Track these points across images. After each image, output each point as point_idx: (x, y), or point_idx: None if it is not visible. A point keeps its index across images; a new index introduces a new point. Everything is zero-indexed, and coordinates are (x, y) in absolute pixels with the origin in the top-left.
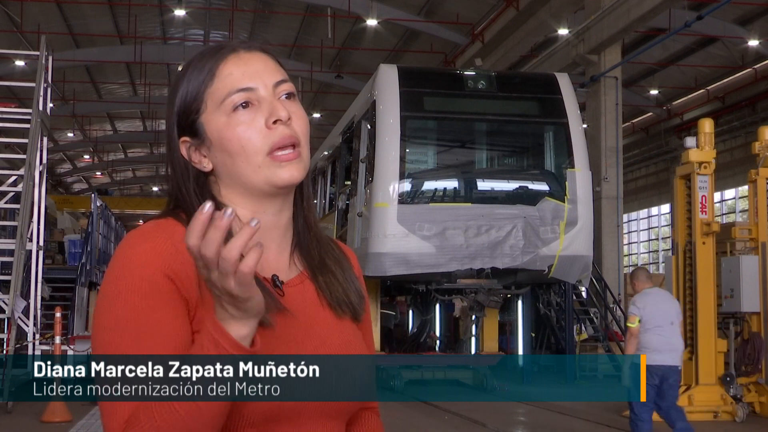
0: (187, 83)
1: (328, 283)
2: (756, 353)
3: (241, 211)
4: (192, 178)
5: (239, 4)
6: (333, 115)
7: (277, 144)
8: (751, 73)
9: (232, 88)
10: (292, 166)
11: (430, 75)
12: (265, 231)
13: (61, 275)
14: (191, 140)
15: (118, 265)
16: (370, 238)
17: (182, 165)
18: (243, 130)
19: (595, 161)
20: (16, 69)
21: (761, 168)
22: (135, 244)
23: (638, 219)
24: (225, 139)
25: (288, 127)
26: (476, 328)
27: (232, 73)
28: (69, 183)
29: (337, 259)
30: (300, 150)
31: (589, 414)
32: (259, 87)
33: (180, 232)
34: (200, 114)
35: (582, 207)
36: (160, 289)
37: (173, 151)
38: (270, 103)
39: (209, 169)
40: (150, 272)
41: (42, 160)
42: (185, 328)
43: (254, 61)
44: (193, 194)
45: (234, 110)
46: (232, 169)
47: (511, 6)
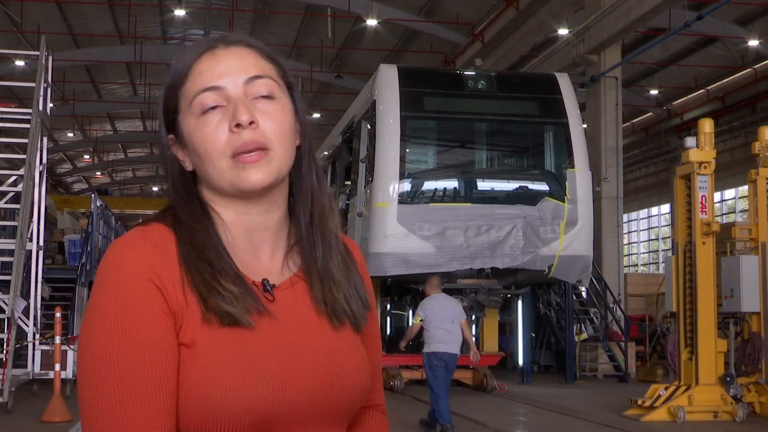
0: (168, 80)
1: (326, 289)
2: (756, 353)
3: (224, 212)
4: (178, 176)
5: (239, 4)
6: (333, 115)
7: (239, 149)
8: (751, 73)
9: (200, 87)
10: (256, 168)
11: (430, 75)
12: (253, 232)
13: (61, 275)
14: (174, 138)
15: (105, 275)
16: (370, 238)
17: (170, 162)
18: (208, 134)
19: (595, 161)
20: (16, 69)
21: (761, 168)
22: (120, 254)
23: (638, 219)
24: (193, 142)
25: (252, 131)
26: (476, 328)
27: (203, 71)
28: (69, 183)
29: (344, 263)
30: (269, 152)
31: (589, 414)
32: (227, 85)
33: (164, 237)
34: (178, 113)
35: (582, 207)
36: (148, 298)
37: (162, 147)
38: (235, 105)
39: (191, 168)
40: (138, 282)
41: (42, 160)
42: (173, 343)
43: (229, 57)
44: (179, 192)
45: (203, 113)
46: (202, 171)
47: (511, 6)
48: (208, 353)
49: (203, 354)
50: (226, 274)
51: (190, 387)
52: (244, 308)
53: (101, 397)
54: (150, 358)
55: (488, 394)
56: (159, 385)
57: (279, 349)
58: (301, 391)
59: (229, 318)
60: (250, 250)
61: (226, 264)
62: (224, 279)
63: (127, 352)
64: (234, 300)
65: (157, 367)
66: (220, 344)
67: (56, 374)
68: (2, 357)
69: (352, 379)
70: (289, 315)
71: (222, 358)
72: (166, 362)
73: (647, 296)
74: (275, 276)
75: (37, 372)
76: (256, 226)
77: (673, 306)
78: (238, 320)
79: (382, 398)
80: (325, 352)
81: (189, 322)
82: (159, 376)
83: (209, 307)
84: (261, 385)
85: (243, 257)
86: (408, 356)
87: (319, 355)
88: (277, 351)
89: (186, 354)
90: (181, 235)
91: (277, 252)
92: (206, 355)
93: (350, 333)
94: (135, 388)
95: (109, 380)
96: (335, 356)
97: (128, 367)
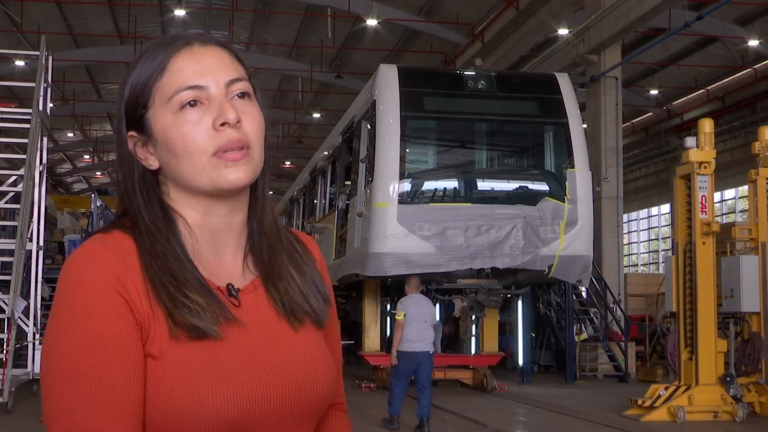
0: (137, 75)
1: (282, 291)
2: (756, 353)
3: (189, 213)
4: (138, 176)
5: (239, 4)
6: (333, 115)
7: (224, 147)
8: (751, 73)
9: (181, 85)
10: (238, 167)
11: (430, 75)
12: (216, 234)
13: None
14: (138, 135)
15: (68, 286)
16: (370, 238)
17: (128, 161)
18: (188, 130)
19: (595, 161)
20: (16, 69)
21: (761, 168)
22: (82, 263)
23: (638, 219)
24: (170, 138)
25: (237, 130)
26: (476, 328)
27: (183, 68)
28: (69, 183)
29: (298, 261)
30: (250, 151)
31: (589, 414)
32: (210, 85)
33: (126, 246)
34: (147, 109)
35: (582, 207)
36: (114, 309)
37: (120, 146)
38: (219, 104)
39: (156, 167)
40: (102, 292)
41: (42, 160)
42: (139, 354)
43: (208, 56)
44: (138, 193)
45: (181, 108)
46: (176, 168)
47: (511, 6)
48: (175, 365)
49: (171, 366)
50: (190, 284)
51: (159, 398)
52: (211, 319)
53: (66, 408)
54: (115, 370)
55: (488, 394)
56: (124, 396)
57: (247, 357)
58: (270, 398)
59: (197, 331)
60: (213, 253)
61: (189, 274)
62: (189, 290)
63: (92, 363)
64: (201, 311)
65: (123, 379)
66: (188, 356)
67: None
68: (2, 357)
69: (320, 383)
70: (255, 320)
71: (190, 368)
72: (132, 373)
73: (647, 296)
74: (238, 279)
75: (37, 372)
76: (220, 227)
77: (673, 306)
78: (206, 333)
79: (342, 396)
80: (292, 356)
81: (156, 335)
82: (125, 390)
83: (176, 322)
84: (230, 394)
85: (207, 260)
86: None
87: (286, 360)
88: (245, 358)
89: (153, 365)
90: (141, 244)
91: (238, 254)
92: (174, 366)
93: (313, 332)
94: (100, 399)
95: (74, 395)
96: (303, 361)
97: (94, 381)
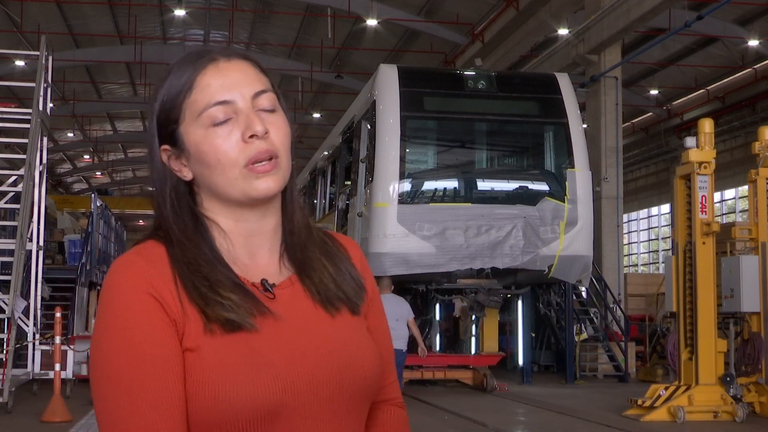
0: (166, 91)
1: (317, 281)
2: (756, 353)
3: (222, 220)
4: (170, 188)
5: (239, 4)
6: (333, 115)
7: (253, 159)
8: (751, 73)
9: (210, 101)
10: (268, 177)
11: (430, 75)
12: (250, 237)
13: (61, 275)
14: (171, 149)
15: (108, 295)
16: (370, 238)
17: (162, 173)
18: (220, 144)
19: (595, 161)
20: (16, 69)
21: (761, 168)
22: (119, 272)
23: (638, 219)
24: (202, 152)
25: (265, 141)
26: (476, 328)
27: (210, 84)
28: (69, 183)
29: (329, 254)
30: (278, 161)
31: (589, 414)
32: (237, 99)
33: (158, 254)
34: (179, 124)
35: (582, 207)
36: (149, 311)
37: (153, 158)
38: (247, 116)
39: (190, 177)
40: (137, 296)
41: (42, 160)
42: (177, 350)
43: (233, 71)
44: (169, 206)
45: (213, 125)
46: (209, 180)
47: (511, 6)
48: (213, 356)
49: (208, 357)
50: (223, 284)
51: (199, 389)
52: (245, 312)
53: (114, 408)
54: (156, 369)
55: (488, 394)
56: (166, 393)
57: (284, 345)
58: (309, 383)
59: (231, 324)
60: (248, 255)
61: (222, 275)
62: (222, 289)
63: (133, 365)
64: (234, 306)
65: (164, 376)
66: (225, 348)
67: (56, 374)
68: (2, 357)
69: (361, 367)
70: (291, 312)
71: (227, 359)
72: (172, 370)
73: (647, 296)
74: (274, 276)
75: (37, 372)
76: (253, 231)
77: (673, 306)
78: (240, 325)
79: (397, 391)
80: (330, 343)
81: (191, 331)
82: (166, 385)
83: (210, 318)
84: (268, 380)
85: (242, 262)
86: (408, 356)
87: (324, 347)
88: (282, 347)
89: (191, 359)
90: (173, 252)
91: (273, 254)
92: (212, 358)
93: (349, 318)
94: (144, 398)
95: (119, 392)
96: (342, 346)
97: (136, 379)
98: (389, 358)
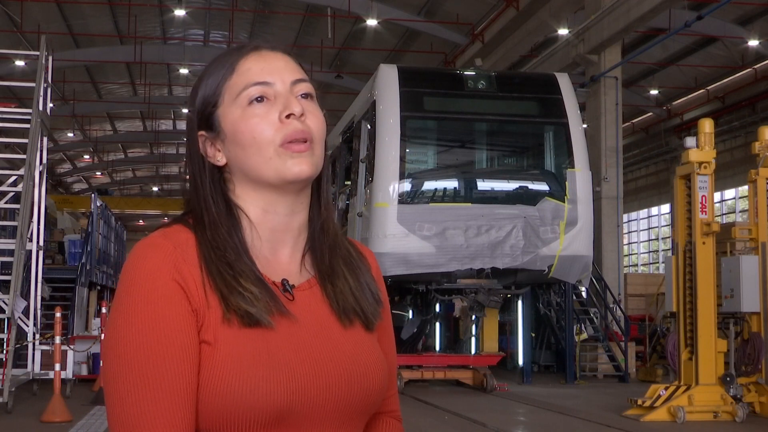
0: (207, 79)
1: (337, 290)
2: (756, 353)
3: (251, 209)
4: (207, 172)
5: (239, 4)
6: (333, 115)
7: (289, 137)
8: (751, 73)
9: (249, 82)
10: (302, 159)
11: (430, 75)
12: (275, 233)
13: (61, 275)
14: (207, 134)
15: (130, 275)
16: (370, 238)
17: (199, 159)
18: (256, 123)
19: (595, 161)
20: (16, 69)
21: (761, 168)
22: (142, 254)
23: (638, 219)
24: (238, 131)
25: (301, 123)
26: (476, 328)
27: (251, 68)
28: (69, 183)
29: (353, 264)
30: (313, 145)
31: (589, 414)
32: (276, 82)
33: (185, 238)
34: (217, 107)
35: (582, 207)
36: (172, 297)
37: (192, 146)
38: (285, 98)
39: (223, 163)
40: (161, 281)
41: (42, 160)
42: (195, 341)
43: (275, 59)
44: (208, 187)
45: (249, 104)
46: (243, 161)
47: (511, 6)
48: (229, 350)
49: (224, 351)
50: (246, 276)
51: (213, 382)
52: (264, 308)
53: (126, 392)
54: (173, 356)
55: (488, 394)
56: (181, 381)
57: (298, 348)
58: (321, 387)
59: (249, 318)
60: (270, 250)
61: (246, 266)
62: (245, 280)
63: (150, 349)
64: (254, 300)
65: (180, 364)
66: (241, 342)
67: (56, 374)
68: (2, 357)
69: (370, 379)
70: (308, 315)
71: (242, 353)
72: (189, 359)
73: (647, 296)
74: (294, 277)
75: (37, 372)
76: (279, 226)
77: (673, 306)
78: (258, 320)
79: (397, 404)
80: (344, 351)
81: (210, 321)
82: (181, 373)
83: (230, 307)
84: (282, 379)
85: (264, 257)
86: (408, 356)
87: (337, 355)
88: (296, 350)
89: (207, 351)
90: (201, 237)
91: (295, 254)
92: (227, 351)
93: (362, 331)
94: (158, 383)
95: (133, 376)
96: (353, 357)
97: (152, 364)
98: (393, 370)
